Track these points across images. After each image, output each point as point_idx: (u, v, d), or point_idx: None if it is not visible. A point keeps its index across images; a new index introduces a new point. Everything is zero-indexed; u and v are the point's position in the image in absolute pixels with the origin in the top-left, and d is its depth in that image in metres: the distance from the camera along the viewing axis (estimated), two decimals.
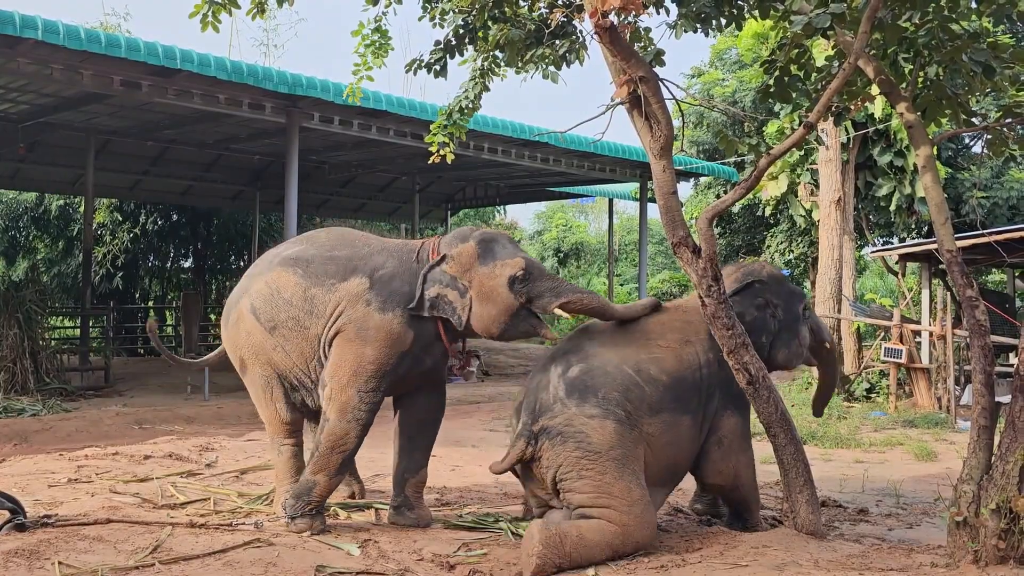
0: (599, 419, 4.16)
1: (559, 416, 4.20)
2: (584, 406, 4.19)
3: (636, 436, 4.24)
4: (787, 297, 4.93)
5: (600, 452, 4.13)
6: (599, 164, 13.53)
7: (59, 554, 3.74)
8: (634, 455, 4.23)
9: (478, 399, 10.82)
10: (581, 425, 4.16)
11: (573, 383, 4.26)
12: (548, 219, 30.48)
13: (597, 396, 4.21)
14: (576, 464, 4.13)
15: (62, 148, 12.95)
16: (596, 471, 4.11)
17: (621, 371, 4.30)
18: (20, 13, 6.86)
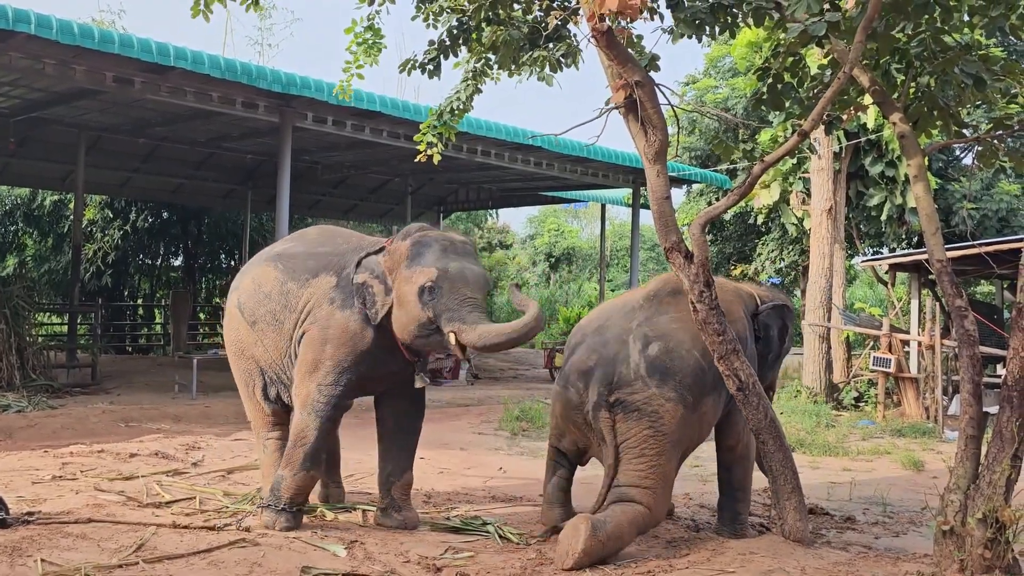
0: (674, 403, 4.41)
1: (640, 393, 4.40)
2: (664, 388, 4.41)
3: (695, 420, 4.51)
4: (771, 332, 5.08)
5: (666, 435, 4.38)
6: (592, 169, 13.54)
7: (42, 551, 3.71)
8: (686, 438, 4.51)
9: (467, 402, 10.80)
10: (658, 406, 4.39)
11: (654, 363, 4.44)
12: (540, 223, 30.53)
13: (676, 380, 4.44)
14: (644, 442, 4.36)
15: (53, 144, 12.86)
16: (656, 452, 4.37)
17: (692, 356, 4.52)
18: (13, 7, 6.81)
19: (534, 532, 4.74)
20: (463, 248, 4.53)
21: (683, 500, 5.76)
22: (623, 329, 4.59)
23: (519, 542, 4.53)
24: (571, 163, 13.09)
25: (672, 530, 4.86)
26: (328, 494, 5.11)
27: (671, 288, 4.74)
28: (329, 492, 5.12)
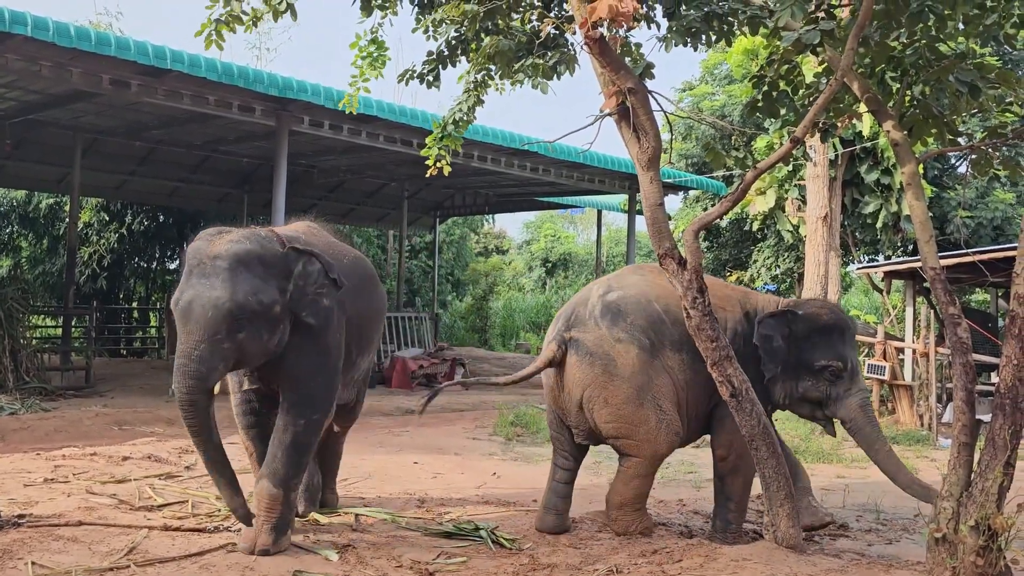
0: (625, 343, 4.58)
1: (591, 333, 4.63)
2: (614, 329, 4.61)
3: (659, 366, 4.62)
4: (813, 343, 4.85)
5: (623, 378, 4.55)
6: (588, 175, 13.56)
7: (32, 554, 3.71)
8: (657, 384, 4.61)
9: (461, 407, 10.79)
10: (609, 348, 4.58)
11: (608, 305, 4.69)
12: (537, 229, 30.54)
13: (626, 321, 4.61)
14: (602, 388, 4.57)
15: (49, 146, 12.85)
16: (620, 399, 4.56)
17: (651, 305, 4.69)
18: (9, 9, 6.82)
19: (527, 537, 4.74)
20: (210, 267, 3.92)
21: (676, 506, 5.76)
22: (595, 285, 4.98)
23: (512, 547, 4.53)
24: (567, 169, 13.12)
25: (665, 536, 4.85)
26: (324, 499, 5.09)
27: (653, 265, 4.93)
28: (325, 498, 5.10)
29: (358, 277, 4.64)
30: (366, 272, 4.86)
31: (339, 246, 4.75)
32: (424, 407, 4.85)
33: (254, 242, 4.05)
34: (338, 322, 4.33)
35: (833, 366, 4.80)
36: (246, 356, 4.00)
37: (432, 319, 16.70)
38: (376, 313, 4.95)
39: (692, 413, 4.82)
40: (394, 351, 13.89)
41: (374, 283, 4.95)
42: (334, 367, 4.35)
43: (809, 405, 4.96)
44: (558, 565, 4.24)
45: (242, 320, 3.87)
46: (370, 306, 4.81)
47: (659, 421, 4.62)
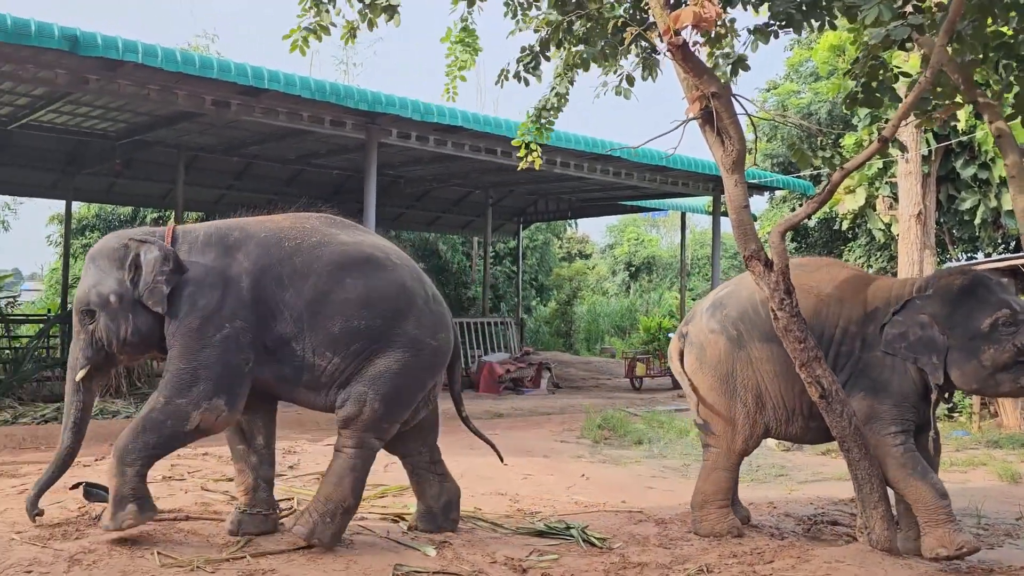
0: (716, 334, 4.79)
1: (695, 325, 4.93)
2: (711, 321, 4.84)
3: (743, 357, 4.72)
4: (963, 312, 4.46)
5: (710, 366, 4.76)
6: (672, 178, 13.51)
7: (157, 545, 4.00)
8: (740, 375, 4.71)
9: (548, 410, 10.92)
10: (703, 338, 4.83)
11: (715, 300, 4.95)
12: (620, 233, 30.43)
13: (721, 313, 4.82)
14: (694, 375, 4.85)
15: (154, 164, 13.60)
16: (705, 387, 4.79)
17: (748, 298, 4.77)
18: (122, 38, 7.30)
19: (617, 536, 4.82)
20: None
21: (767, 508, 5.74)
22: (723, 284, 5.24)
23: (602, 546, 4.62)
24: (650, 172, 13.11)
25: (755, 537, 4.86)
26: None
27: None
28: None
29: (315, 263, 4.19)
30: (338, 259, 4.24)
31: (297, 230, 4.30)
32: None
33: (108, 239, 4.32)
34: (213, 307, 4.09)
35: (1001, 316, 4.32)
36: (108, 345, 4.18)
37: (517, 324, 16.89)
38: (348, 303, 4.17)
39: (790, 406, 4.74)
40: (481, 356, 14.12)
41: (350, 271, 4.23)
42: (207, 355, 4.04)
43: (1008, 374, 4.35)
44: (648, 564, 4.31)
45: (86, 312, 4.16)
46: (331, 295, 4.17)
47: (739, 412, 4.73)
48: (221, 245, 4.24)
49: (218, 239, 4.26)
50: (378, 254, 4.36)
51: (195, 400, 4.01)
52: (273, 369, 4.19)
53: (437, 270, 21.28)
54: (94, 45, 7.11)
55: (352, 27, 5.15)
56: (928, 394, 4.55)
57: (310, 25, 4.91)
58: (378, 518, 4.89)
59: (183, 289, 4.11)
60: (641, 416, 9.81)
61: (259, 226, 4.37)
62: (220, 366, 4.05)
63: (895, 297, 4.65)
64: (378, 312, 4.21)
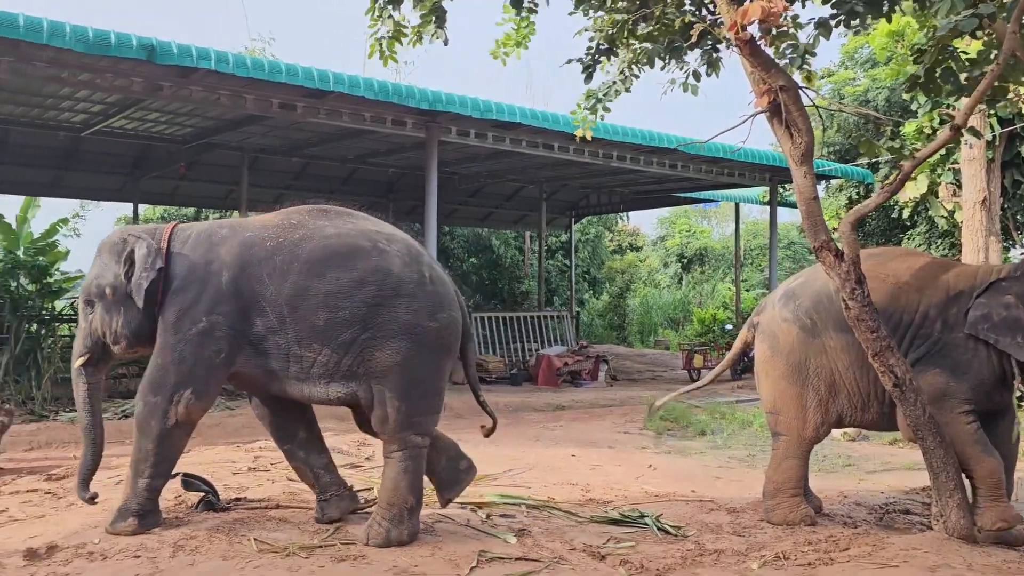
0: (788, 323, 4.86)
1: (767, 315, 5.01)
2: (784, 310, 4.91)
3: (818, 346, 4.76)
4: None
5: (782, 354, 4.83)
6: (728, 169, 13.47)
7: (253, 532, 4.20)
8: (814, 363, 4.77)
9: (609, 403, 11.00)
10: (776, 327, 4.90)
11: (787, 290, 5.00)
12: (671, 224, 30.28)
13: (795, 303, 4.88)
14: (765, 363, 4.93)
15: (217, 166, 14.01)
16: (775, 374, 4.86)
17: (822, 288, 4.82)
18: (196, 46, 7.57)
19: (690, 525, 4.90)
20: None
21: (838, 497, 5.75)
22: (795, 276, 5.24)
23: (677, 534, 4.70)
24: (706, 164, 13.08)
25: (829, 527, 4.90)
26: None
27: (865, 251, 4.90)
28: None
29: (295, 259, 4.18)
30: (318, 254, 4.19)
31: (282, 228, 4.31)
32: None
33: (114, 233, 4.49)
34: (190, 302, 4.15)
35: None
36: (102, 336, 4.36)
37: (573, 317, 16.98)
38: (330, 296, 4.12)
39: (866, 394, 4.77)
40: (538, 349, 14.24)
41: (332, 264, 4.17)
42: (181, 349, 4.11)
43: None
44: (724, 551, 4.38)
45: (87, 303, 4.40)
46: (312, 289, 4.13)
47: (810, 400, 4.79)
48: (208, 243, 4.30)
49: (206, 237, 4.34)
50: (363, 242, 4.25)
51: (168, 395, 4.09)
52: (259, 362, 4.18)
53: (490, 265, 21.45)
54: (169, 53, 7.40)
55: (418, 32, 5.29)
56: (1006, 379, 4.58)
57: (387, 33, 5.07)
58: (457, 507, 5.03)
59: (169, 285, 4.21)
60: (702, 407, 9.84)
61: (247, 224, 4.44)
62: (192, 358, 4.11)
63: (980, 281, 4.67)
64: (361, 300, 4.12)
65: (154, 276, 4.17)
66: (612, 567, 4.08)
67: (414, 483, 4.24)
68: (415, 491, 4.24)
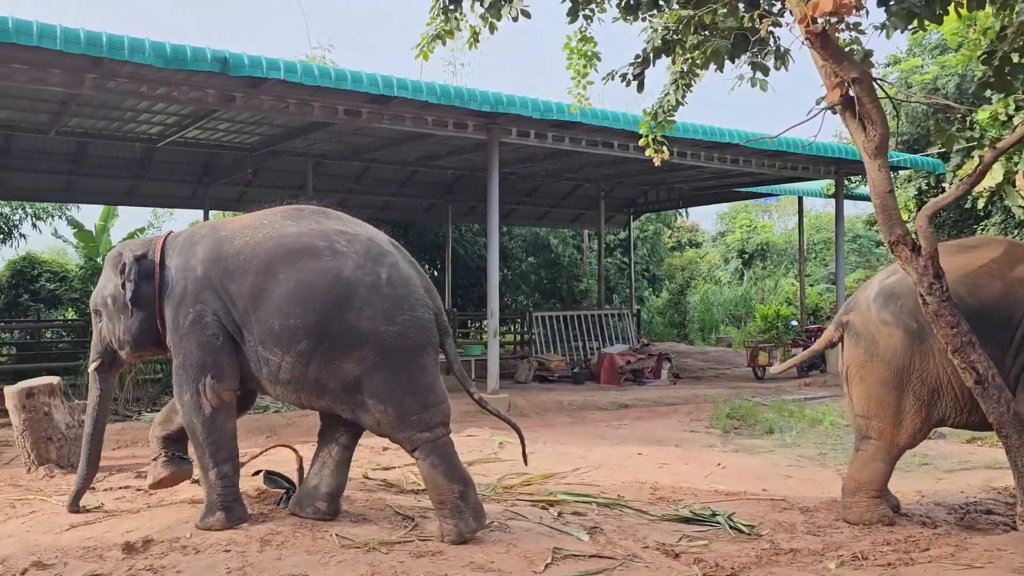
0: (890, 327, 4.62)
1: (861, 315, 4.75)
2: (882, 312, 4.67)
3: (925, 350, 4.56)
4: None
5: (883, 360, 4.61)
6: (791, 162, 13.27)
7: (334, 527, 4.32)
8: (920, 368, 4.58)
9: (673, 401, 10.95)
10: (874, 329, 4.67)
11: (883, 288, 4.74)
12: (731, 220, 29.90)
13: (896, 304, 4.63)
14: (860, 367, 4.70)
15: (282, 172, 14.35)
16: (873, 379, 4.65)
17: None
18: (265, 57, 7.80)
19: (764, 524, 4.87)
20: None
21: (915, 497, 5.65)
22: (885, 269, 5.02)
23: (750, 533, 4.69)
24: (768, 158, 12.91)
25: (907, 527, 4.82)
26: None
27: (952, 244, 4.83)
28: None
29: (255, 258, 4.23)
30: (273, 253, 4.22)
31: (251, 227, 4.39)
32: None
33: (117, 247, 4.83)
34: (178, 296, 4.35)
35: None
36: (111, 341, 4.71)
37: (634, 315, 16.92)
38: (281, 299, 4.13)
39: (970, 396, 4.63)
40: (599, 347, 14.24)
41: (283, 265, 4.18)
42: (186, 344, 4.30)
43: None
44: (800, 551, 4.35)
45: (95, 312, 4.79)
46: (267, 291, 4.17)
47: (909, 406, 4.63)
48: (189, 244, 4.48)
49: (188, 240, 4.53)
50: (318, 243, 4.21)
51: (193, 389, 4.29)
52: (242, 358, 4.30)
53: (549, 264, 21.49)
54: (241, 65, 7.63)
55: (475, 32, 5.36)
56: None
57: (437, 32, 5.14)
58: (528, 505, 5.09)
59: (164, 291, 4.45)
60: (770, 405, 9.73)
61: (224, 224, 4.59)
62: (197, 348, 4.28)
63: None
64: (311, 308, 4.08)
65: (133, 287, 4.46)
66: (686, 565, 4.08)
67: (448, 473, 4.21)
68: (455, 478, 4.21)
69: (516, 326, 17.50)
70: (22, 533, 4.31)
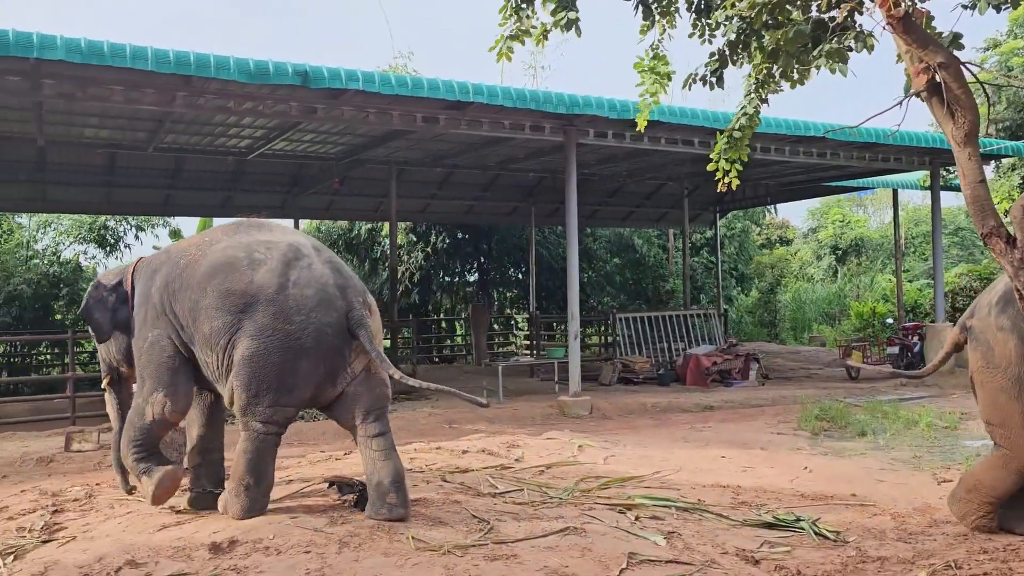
0: (1005, 333, 4.42)
1: (982, 320, 4.58)
2: (1000, 317, 4.47)
3: None
4: None
5: (998, 368, 4.42)
6: (882, 154, 12.75)
7: (411, 530, 4.38)
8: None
9: (760, 402, 10.68)
10: (990, 336, 4.49)
11: (1006, 292, 4.50)
12: (823, 215, 29.00)
13: (1014, 309, 4.41)
14: (979, 373, 4.56)
15: (367, 180, 14.68)
16: (992, 386, 4.47)
17: None
18: (344, 68, 7.99)
19: (851, 530, 4.70)
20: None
21: None
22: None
23: (836, 539, 4.53)
24: (858, 150, 12.45)
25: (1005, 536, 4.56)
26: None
27: None
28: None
29: (193, 278, 4.77)
30: (205, 268, 4.74)
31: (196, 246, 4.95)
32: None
33: (99, 277, 5.49)
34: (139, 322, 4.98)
35: None
36: (112, 361, 5.31)
37: (720, 315, 16.59)
38: (209, 307, 4.66)
39: None
40: (685, 349, 14.01)
41: (211, 278, 4.69)
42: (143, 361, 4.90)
43: None
44: (888, 559, 4.18)
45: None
46: (200, 302, 4.70)
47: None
48: (150, 271, 5.08)
49: (149, 265, 5.15)
50: (239, 254, 4.74)
51: (144, 397, 4.86)
52: (197, 371, 4.88)
53: (633, 264, 21.29)
54: (321, 77, 7.84)
55: (545, 29, 5.35)
56: None
57: (512, 32, 5.16)
58: (605, 508, 5.05)
59: (133, 312, 5.08)
60: (862, 406, 9.37)
61: (177, 247, 5.15)
62: (152, 367, 4.86)
63: None
64: (228, 309, 4.62)
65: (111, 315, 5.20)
66: (766, 572, 3.98)
67: (251, 463, 4.60)
68: (252, 471, 4.60)
69: (600, 328, 17.40)
70: (119, 533, 4.53)
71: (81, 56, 6.92)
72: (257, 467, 4.62)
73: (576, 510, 4.96)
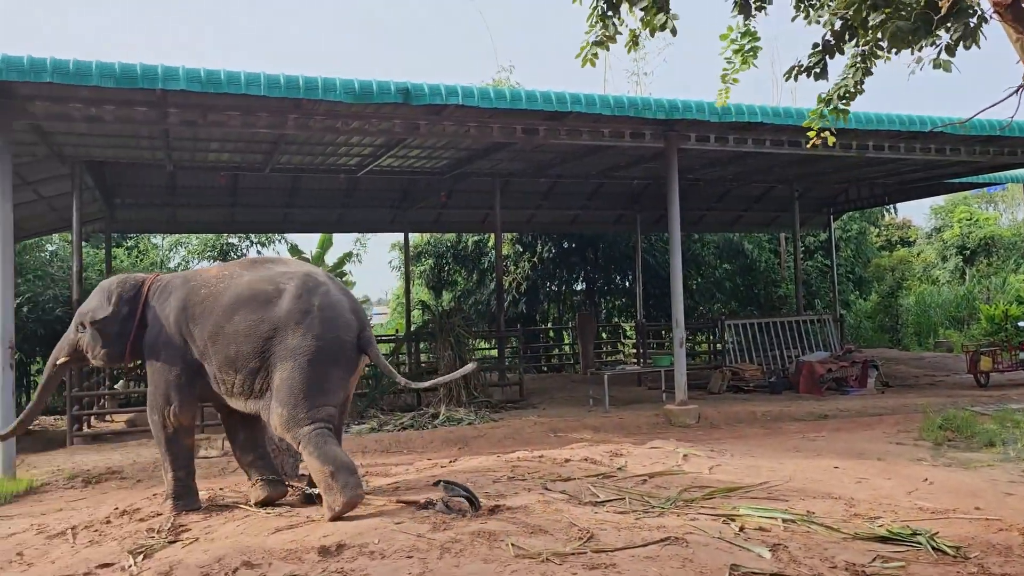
0: None
1: None
2: None
3: None
4: None
5: None
6: (1008, 147, 12.02)
7: (511, 537, 4.44)
8: None
9: (879, 411, 10.23)
10: None
11: None
12: (948, 214, 27.49)
13: None
14: None
15: (472, 193, 14.95)
16: None
17: None
18: (444, 84, 8.20)
19: (973, 545, 4.45)
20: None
21: None
22: None
23: (956, 555, 4.30)
24: (980, 144, 11.78)
25: None
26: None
27: None
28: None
29: (217, 305, 5.36)
30: (230, 300, 5.34)
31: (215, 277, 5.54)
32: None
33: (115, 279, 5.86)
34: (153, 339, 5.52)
35: None
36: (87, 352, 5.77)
37: (836, 320, 15.98)
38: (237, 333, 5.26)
39: None
40: (798, 356, 13.57)
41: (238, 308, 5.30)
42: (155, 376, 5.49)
43: None
44: None
45: (81, 324, 5.80)
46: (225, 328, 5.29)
47: None
48: (166, 293, 5.61)
49: (165, 288, 5.65)
50: (266, 287, 5.33)
51: (158, 411, 5.48)
52: (203, 382, 5.43)
53: (744, 270, 20.78)
54: (422, 94, 8.07)
55: (634, 35, 5.33)
56: None
57: (597, 38, 5.18)
58: (709, 518, 4.97)
59: (143, 327, 5.58)
60: (991, 415, 8.84)
61: (195, 275, 5.69)
62: (163, 382, 5.46)
63: None
64: (259, 336, 5.21)
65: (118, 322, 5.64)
66: None
67: (320, 457, 4.95)
68: (325, 462, 4.93)
69: (709, 335, 17.06)
70: (236, 535, 4.79)
71: (200, 85, 7.39)
72: (326, 456, 4.96)
73: (678, 520, 4.90)
